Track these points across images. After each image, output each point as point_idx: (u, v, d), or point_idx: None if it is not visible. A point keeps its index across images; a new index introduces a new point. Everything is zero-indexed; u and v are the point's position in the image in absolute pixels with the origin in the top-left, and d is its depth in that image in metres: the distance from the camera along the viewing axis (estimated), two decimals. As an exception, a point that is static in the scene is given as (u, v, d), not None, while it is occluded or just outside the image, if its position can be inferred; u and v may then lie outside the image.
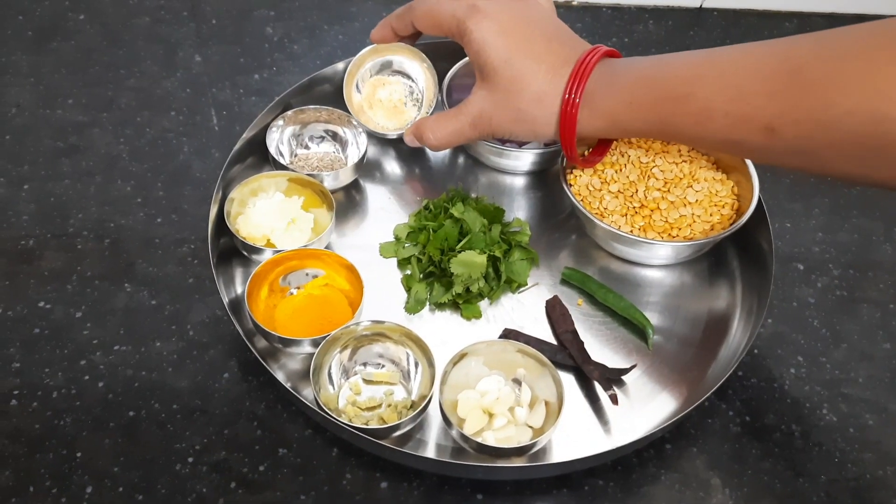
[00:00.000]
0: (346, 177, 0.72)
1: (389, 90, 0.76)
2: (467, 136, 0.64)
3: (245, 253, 0.68)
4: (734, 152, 0.57)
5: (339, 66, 0.78)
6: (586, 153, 0.70)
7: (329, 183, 0.71)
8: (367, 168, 0.76)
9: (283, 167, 0.71)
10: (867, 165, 0.46)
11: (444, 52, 0.75)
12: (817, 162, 0.49)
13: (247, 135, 0.73)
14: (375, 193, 0.75)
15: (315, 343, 0.60)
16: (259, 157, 0.75)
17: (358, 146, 0.74)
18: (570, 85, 0.57)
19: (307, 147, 0.76)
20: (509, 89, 0.59)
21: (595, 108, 0.57)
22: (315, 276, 0.66)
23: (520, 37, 0.59)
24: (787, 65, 0.48)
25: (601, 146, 0.69)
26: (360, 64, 0.76)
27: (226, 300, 0.64)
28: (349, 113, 0.74)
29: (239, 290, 0.67)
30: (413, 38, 0.73)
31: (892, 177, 0.46)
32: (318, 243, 0.67)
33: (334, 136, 0.76)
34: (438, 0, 0.63)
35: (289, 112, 0.74)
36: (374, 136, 0.75)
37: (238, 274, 0.68)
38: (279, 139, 0.74)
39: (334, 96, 0.77)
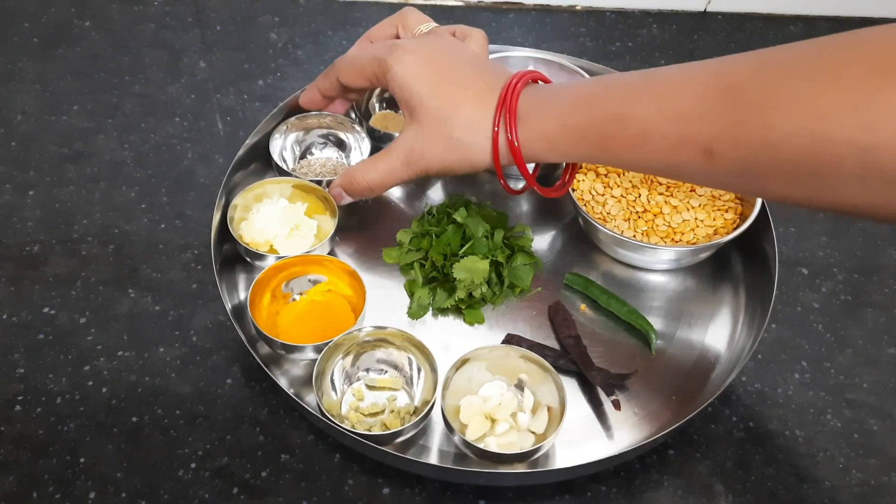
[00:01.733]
0: None
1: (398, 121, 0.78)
2: (399, 176, 0.60)
3: (248, 259, 0.68)
4: (675, 176, 0.54)
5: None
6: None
7: None
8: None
9: (286, 173, 0.71)
10: (811, 188, 0.44)
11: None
12: (760, 185, 0.47)
13: (250, 141, 0.73)
14: (378, 199, 0.75)
15: (317, 349, 0.60)
16: (263, 162, 0.75)
17: (361, 151, 0.74)
18: (500, 108, 0.55)
19: (311, 153, 0.76)
20: (438, 118, 0.56)
21: (529, 132, 0.55)
22: (317, 282, 0.66)
23: (443, 66, 0.57)
24: (724, 83, 0.46)
25: (570, 171, 0.65)
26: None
27: (228, 306, 0.64)
28: (353, 117, 0.75)
29: (242, 295, 0.67)
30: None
31: (834, 200, 0.44)
32: (320, 249, 0.67)
33: (337, 142, 0.76)
34: (359, 51, 0.63)
35: (292, 118, 0.74)
36: (376, 141, 0.75)
37: (241, 280, 0.69)
38: (282, 145, 0.74)
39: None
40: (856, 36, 0.43)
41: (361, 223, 0.73)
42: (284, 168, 0.72)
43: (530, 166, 0.58)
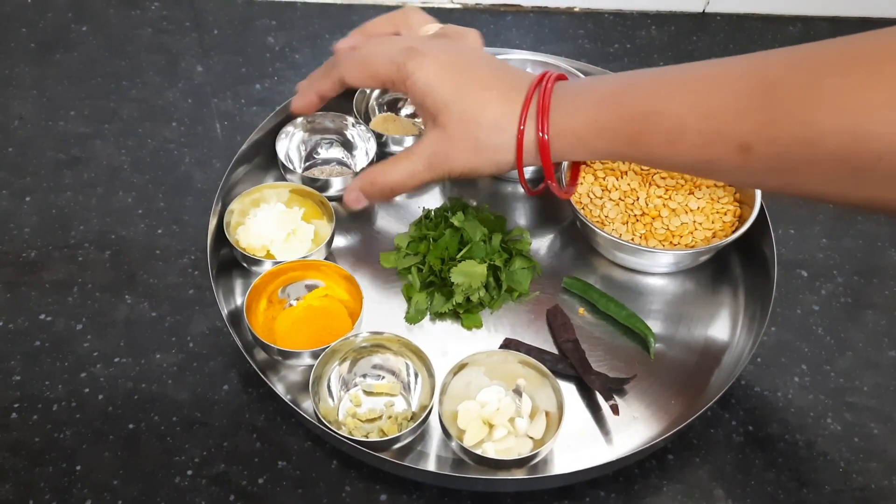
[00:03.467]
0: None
1: (400, 124, 0.78)
2: (422, 178, 0.59)
3: (245, 264, 0.68)
4: (707, 174, 0.53)
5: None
6: (564, 183, 0.68)
7: (338, 187, 0.72)
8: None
9: (292, 171, 0.72)
10: (847, 185, 0.44)
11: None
12: (795, 182, 0.47)
13: (247, 145, 0.73)
14: (376, 204, 0.75)
15: (314, 355, 0.60)
16: (260, 167, 0.75)
17: (367, 152, 0.74)
18: (526, 106, 0.54)
19: (317, 153, 0.76)
20: (463, 120, 0.55)
21: (558, 128, 0.54)
22: (314, 288, 0.66)
23: (465, 70, 0.56)
24: (762, 80, 0.46)
25: (574, 172, 0.65)
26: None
27: (225, 312, 0.64)
28: (356, 117, 0.75)
29: (239, 301, 0.67)
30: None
31: (869, 197, 0.44)
32: (317, 254, 0.66)
33: (343, 142, 0.76)
34: (369, 50, 0.60)
35: (298, 119, 0.74)
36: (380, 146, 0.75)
37: (238, 285, 0.68)
38: (288, 146, 0.74)
39: (339, 103, 0.77)
40: (891, 33, 0.43)
41: (359, 227, 0.73)
42: (291, 168, 0.72)
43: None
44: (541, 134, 0.54)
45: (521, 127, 0.54)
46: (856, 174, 0.43)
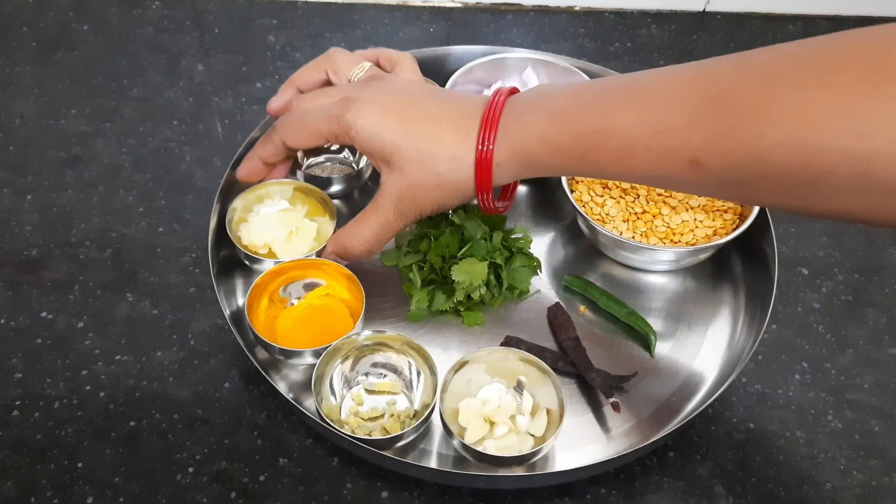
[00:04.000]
0: (357, 180, 0.73)
1: None
2: (394, 228, 0.59)
3: (246, 262, 0.68)
4: (661, 186, 0.52)
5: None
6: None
7: (340, 185, 0.72)
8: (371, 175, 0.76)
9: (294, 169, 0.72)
10: (801, 196, 0.43)
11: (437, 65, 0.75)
12: (748, 194, 0.46)
13: (248, 143, 0.73)
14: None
15: (316, 354, 0.60)
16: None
17: None
18: (483, 134, 0.53)
19: (319, 151, 0.76)
20: (419, 159, 0.54)
21: (509, 147, 0.53)
22: (316, 286, 0.66)
23: (408, 107, 0.55)
24: (709, 92, 0.45)
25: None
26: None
27: (226, 310, 0.64)
28: None
29: (240, 299, 0.67)
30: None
31: (826, 208, 0.43)
32: (321, 252, 0.67)
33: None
34: (304, 109, 0.58)
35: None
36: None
37: (239, 283, 0.68)
38: None
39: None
40: (841, 39, 0.42)
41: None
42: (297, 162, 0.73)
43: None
44: (485, 146, 0.53)
45: (480, 147, 0.53)
46: (809, 186, 0.42)
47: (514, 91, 0.55)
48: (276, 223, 0.68)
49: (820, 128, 0.40)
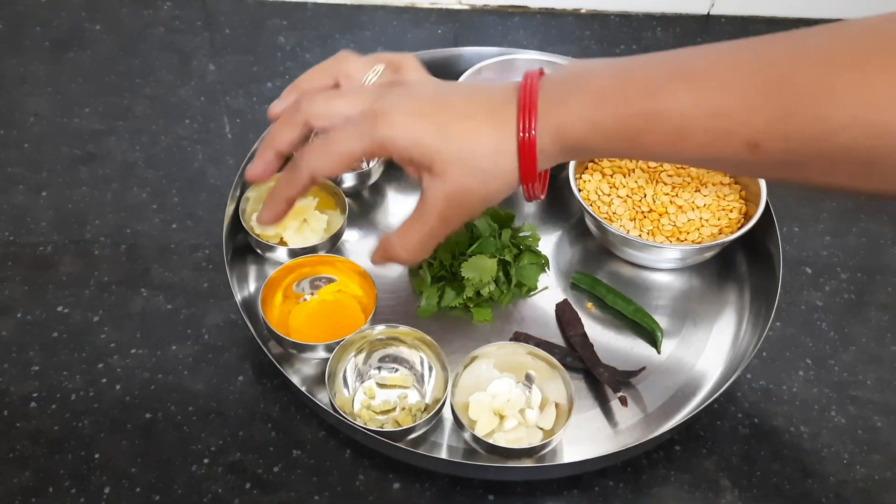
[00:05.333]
0: (368, 178, 0.74)
1: None
2: (441, 235, 0.55)
3: (259, 251, 0.69)
4: (712, 167, 0.51)
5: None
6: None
7: (351, 181, 0.73)
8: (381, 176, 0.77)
9: None
10: (857, 177, 0.44)
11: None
12: (802, 174, 0.46)
13: (260, 142, 0.74)
14: (386, 198, 0.76)
15: (328, 348, 0.61)
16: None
17: None
18: (522, 121, 0.51)
19: None
20: (461, 158, 0.51)
21: (552, 135, 0.50)
22: (329, 282, 0.67)
23: (438, 110, 0.52)
24: (769, 74, 0.44)
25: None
26: None
27: (240, 305, 0.65)
28: None
29: (253, 294, 0.68)
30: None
31: (881, 188, 0.43)
32: (328, 244, 0.68)
33: None
34: (328, 138, 0.53)
35: None
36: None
37: (252, 278, 0.70)
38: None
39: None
40: (893, 19, 0.42)
41: (371, 222, 0.74)
42: None
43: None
44: (526, 133, 0.50)
45: (521, 134, 0.51)
46: (869, 168, 0.42)
47: (542, 72, 0.53)
48: (289, 213, 0.69)
49: (886, 110, 0.40)
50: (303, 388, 0.61)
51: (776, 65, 0.44)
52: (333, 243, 0.69)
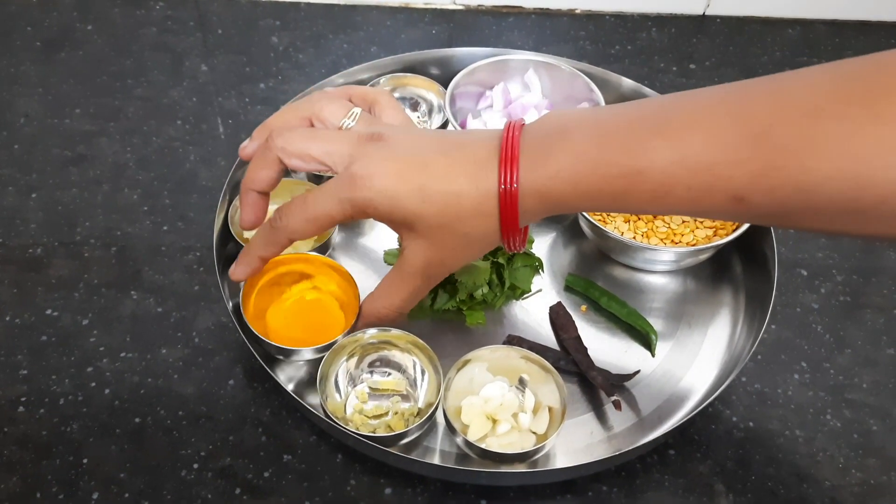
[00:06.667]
0: None
1: None
2: (423, 292, 0.57)
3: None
4: (698, 217, 0.51)
5: (339, 79, 0.79)
6: None
7: None
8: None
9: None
10: (846, 224, 0.43)
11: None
12: (791, 223, 0.45)
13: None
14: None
15: (314, 350, 0.61)
16: (264, 165, 0.76)
17: None
18: (503, 175, 0.49)
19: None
20: (443, 223, 0.51)
21: (535, 195, 0.49)
22: (304, 278, 0.66)
23: (419, 170, 0.51)
24: (751, 127, 0.43)
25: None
26: None
27: (230, 308, 0.64)
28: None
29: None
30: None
31: (870, 233, 0.43)
32: (320, 251, 0.67)
33: None
34: (307, 200, 0.53)
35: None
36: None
37: (243, 282, 0.69)
38: None
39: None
40: (878, 64, 0.41)
41: (363, 225, 0.74)
42: None
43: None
44: (508, 186, 0.49)
45: (503, 187, 0.49)
46: (857, 215, 0.42)
47: (523, 124, 0.52)
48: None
49: (871, 161, 0.40)
50: (294, 393, 0.60)
51: (757, 116, 0.43)
52: (324, 250, 0.68)
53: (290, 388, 0.62)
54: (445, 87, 0.76)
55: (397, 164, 0.51)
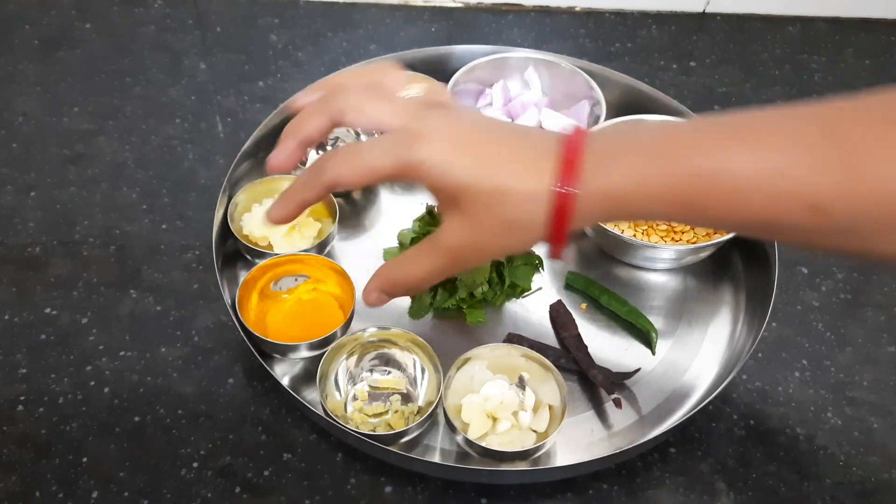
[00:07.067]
0: None
1: None
2: (446, 274, 0.52)
3: (248, 256, 0.68)
4: (769, 235, 0.48)
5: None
6: None
7: None
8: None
9: (297, 168, 0.72)
10: None
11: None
12: (867, 243, 0.43)
13: (251, 141, 0.73)
14: (380, 199, 0.75)
15: (310, 347, 0.61)
16: (264, 163, 0.75)
17: None
18: (563, 174, 0.46)
19: (323, 150, 0.76)
20: (488, 203, 0.48)
21: (597, 194, 0.46)
22: (304, 280, 0.66)
23: (479, 144, 0.49)
24: (832, 133, 0.42)
25: None
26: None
27: (229, 306, 0.64)
28: None
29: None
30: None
31: None
32: (317, 250, 0.67)
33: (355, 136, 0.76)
34: (359, 147, 0.50)
35: None
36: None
37: (242, 280, 0.69)
38: None
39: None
40: None
41: (362, 224, 0.74)
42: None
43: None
44: (565, 188, 0.46)
45: (559, 190, 0.47)
46: None
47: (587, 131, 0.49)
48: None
49: None
50: (293, 391, 0.60)
51: (839, 123, 0.42)
52: (322, 249, 0.68)
53: (289, 386, 0.62)
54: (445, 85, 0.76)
55: (457, 132, 0.49)
